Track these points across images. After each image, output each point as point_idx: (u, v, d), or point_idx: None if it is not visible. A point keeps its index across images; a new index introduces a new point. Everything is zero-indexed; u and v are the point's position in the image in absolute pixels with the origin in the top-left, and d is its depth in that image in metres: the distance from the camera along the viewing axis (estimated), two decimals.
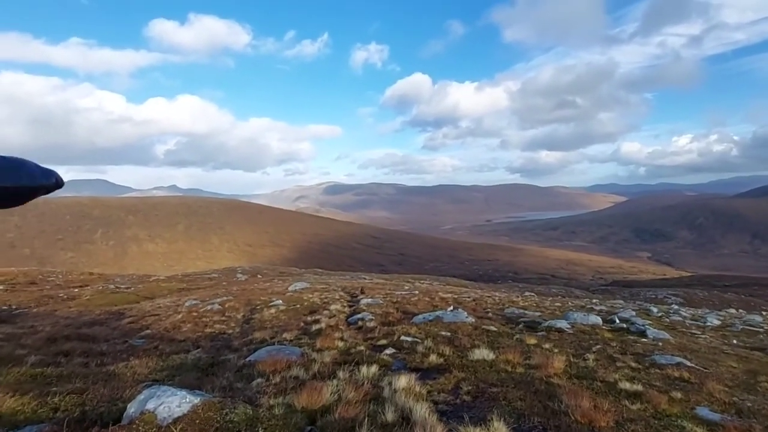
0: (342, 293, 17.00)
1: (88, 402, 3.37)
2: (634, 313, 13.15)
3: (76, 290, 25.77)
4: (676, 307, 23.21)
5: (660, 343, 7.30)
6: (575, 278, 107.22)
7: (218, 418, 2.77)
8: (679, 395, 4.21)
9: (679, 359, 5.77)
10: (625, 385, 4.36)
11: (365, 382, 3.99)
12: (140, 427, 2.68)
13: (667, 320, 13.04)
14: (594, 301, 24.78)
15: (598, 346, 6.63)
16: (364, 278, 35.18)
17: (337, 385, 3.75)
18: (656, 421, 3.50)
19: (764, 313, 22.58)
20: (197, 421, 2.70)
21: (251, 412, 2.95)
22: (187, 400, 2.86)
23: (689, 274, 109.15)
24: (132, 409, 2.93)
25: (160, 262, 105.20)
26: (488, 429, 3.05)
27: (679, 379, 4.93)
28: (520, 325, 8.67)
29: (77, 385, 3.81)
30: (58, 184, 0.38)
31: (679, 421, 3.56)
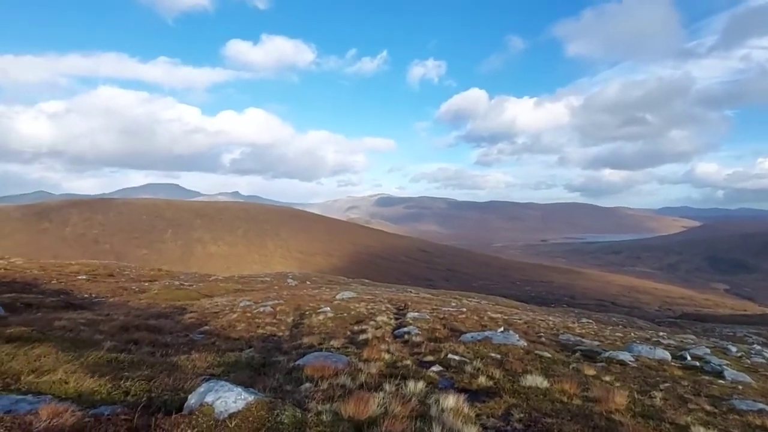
0: (388, 305, 17.01)
1: (154, 389, 3.63)
2: (708, 350, 11.89)
3: (146, 284, 27.99)
4: (758, 347, 20.65)
5: (740, 387, 6.52)
6: (639, 307, 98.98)
7: (269, 418, 2.87)
8: None
9: (762, 405, 5.12)
10: (699, 431, 3.93)
11: (412, 398, 3.94)
12: (199, 419, 2.84)
13: (748, 361, 11.64)
14: (661, 334, 22.73)
15: (666, 384, 6.07)
16: (411, 292, 34.94)
17: (383, 398, 3.73)
18: None
19: None
20: (250, 419, 2.81)
21: (300, 416, 3.02)
22: (242, 396, 2.99)
23: None
24: (192, 400, 3.12)
25: (220, 263, 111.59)
26: None
27: (761, 428, 4.36)
28: (577, 354, 8.16)
29: (145, 373, 4.12)
30: None
31: None
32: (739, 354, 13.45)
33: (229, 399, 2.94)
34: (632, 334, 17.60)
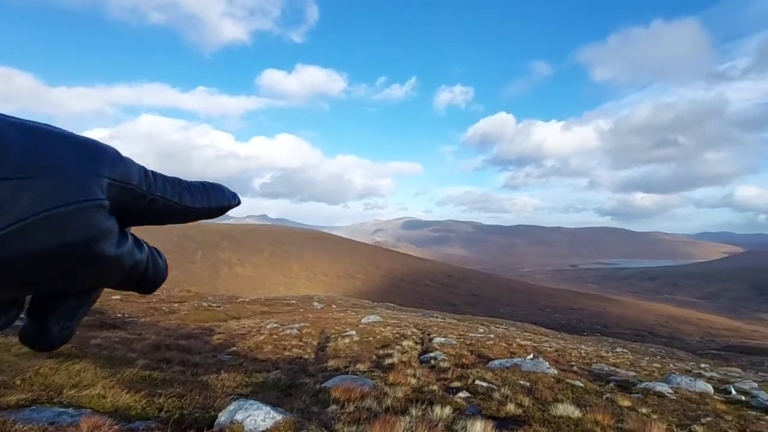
0: (414, 330, 16.79)
1: (186, 406, 3.74)
2: (756, 384, 11.06)
3: (176, 305, 28.73)
4: None
5: None
6: (679, 338, 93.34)
7: None
8: None
9: None
10: None
11: (439, 423, 3.89)
12: None
13: None
14: (703, 366, 21.32)
15: (708, 419, 5.69)
16: (437, 317, 34.33)
17: (409, 422, 3.70)
18: None
19: None
20: None
21: None
22: (271, 416, 3.05)
23: None
24: (223, 417, 3.20)
25: (246, 284, 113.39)
26: None
27: None
28: (611, 384, 7.79)
29: (177, 390, 4.24)
30: (239, 203, 0.50)
31: None
32: None
33: (258, 417, 3.00)
34: (671, 365, 16.62)
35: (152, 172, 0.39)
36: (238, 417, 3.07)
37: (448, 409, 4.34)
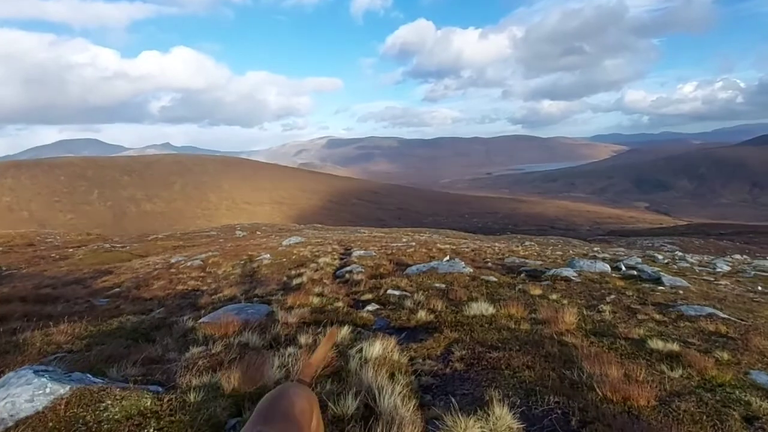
0: (336, 246, 16.29)
1: None
2: (639, 260, 12.41)
3: (71, 250, 25.19)
4: (680, 253, 22.66)
5: (681, 291, 6.49)
6: (573, 229, 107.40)
7: (88, 417, 1.89)
8: (725, 356, 3.36)
9: (709, 310, 4.95)
10: (657, 344, 3.51)
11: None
12: None
13: (675, 267, 12.33)
14: (595, 249, 24.19)
15: (612, 296, 5.82)
16: (363, 232, 34.51)
17: (289, 356, 2.88)
18: (709, 395, 2.64)
19: None
20: (51, 422, 1.82)
21: (149, 404, 2.07)
22: (48, 390, 1.98)
23: (685, 222, 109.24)
24: None
25: (159, 222, 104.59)
26: (486, 417, 2.18)
27: (716, 334, 4.09)
28: (522, 275, 7.87)
29: None
30: None
31: (737, 392, 2.70)
32: (666, 261, 14.31)
33: (21, 397, 1.91)
34: (570, 251, 18.36)
35: None
36: None
37: (346, 330, 3.62)
